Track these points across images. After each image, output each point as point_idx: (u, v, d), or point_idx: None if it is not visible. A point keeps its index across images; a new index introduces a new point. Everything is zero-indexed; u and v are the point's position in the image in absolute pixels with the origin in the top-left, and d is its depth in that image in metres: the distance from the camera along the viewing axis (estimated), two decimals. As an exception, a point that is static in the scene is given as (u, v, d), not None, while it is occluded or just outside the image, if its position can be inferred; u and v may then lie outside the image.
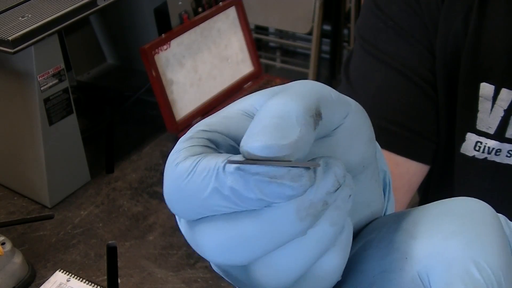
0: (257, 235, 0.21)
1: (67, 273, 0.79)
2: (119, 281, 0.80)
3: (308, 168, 0.20)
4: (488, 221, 0.23)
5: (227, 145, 0.22)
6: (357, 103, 0.24)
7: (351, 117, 0.23)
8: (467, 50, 0.62)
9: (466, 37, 0.62)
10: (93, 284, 0.78)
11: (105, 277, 0.80)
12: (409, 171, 0.67)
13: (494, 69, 0.61)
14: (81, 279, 0.78)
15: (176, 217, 0.23)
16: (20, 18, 0.86)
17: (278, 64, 2.62)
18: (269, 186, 0.20)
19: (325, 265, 0.22)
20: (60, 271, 0.80)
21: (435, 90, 0.65)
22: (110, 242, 0.86)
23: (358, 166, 0.24)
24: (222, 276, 0.25)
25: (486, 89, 0.62)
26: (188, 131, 0.23)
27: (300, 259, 0.22)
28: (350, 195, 0.22)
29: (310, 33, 2.15)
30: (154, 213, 0.91)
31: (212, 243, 0.21)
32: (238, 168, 0.20)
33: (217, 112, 0.23)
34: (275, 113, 0.21)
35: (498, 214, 0.24)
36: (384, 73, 0.65)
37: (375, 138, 0.25)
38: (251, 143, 0.20)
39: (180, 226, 0.23)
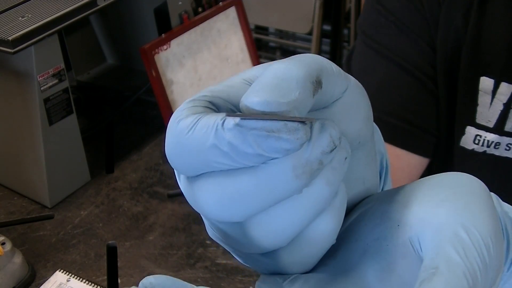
0: (254, 191, 0.21)
1: (67, 273, 0.79)
2: (119, 281, 0.80)
3: (304, 123, 0.21)
4: (478, 192, 0.24)
5: (227, 108, 0.23)
6: (357, 80, 0.25)
7: (350, 92, 0.24)
8: (467, 45, 0.62)
9: (467, 33, 0.62)
10: (93, 284, 0.78)
11: (105, 277, 0.80)
12: (409, 164, 0.67)
13: (493, 63, 0.62)
14: (81, 279, 0.78)
15: (176, 173, 0.24)
16: (20, 18, 0.86)
17: (278, 64, 2.62)
18: (266, 140, 0.21)
19: (320, 226, 0.23)
20: (60, 271, 0.79)
21: (436, 84, 0.66)
22: (110, 242, 0.86)
23: (354, 141, 0.25)
24: (219, 243, 0.25)
25: (486, 83, 0.62)
26: (192, 96, 0.24)
27: (296, 217, 0.22)
28: (346, 158, 0.23)
29: (310, 33, 2.15)
30: (154, 213, 0.91)
31: (210, 198, 0.22)
32: (236, 124, 0.21)
33: (221, 82, 0.24)
34: (277, 75, 0.22)
35: (491, 193, 0.25)
36: (386, 67, 0.66)
37: (372, 118, 0.26)
38: (251, 98, 0.21)
39: (179, 183, 0.24)
